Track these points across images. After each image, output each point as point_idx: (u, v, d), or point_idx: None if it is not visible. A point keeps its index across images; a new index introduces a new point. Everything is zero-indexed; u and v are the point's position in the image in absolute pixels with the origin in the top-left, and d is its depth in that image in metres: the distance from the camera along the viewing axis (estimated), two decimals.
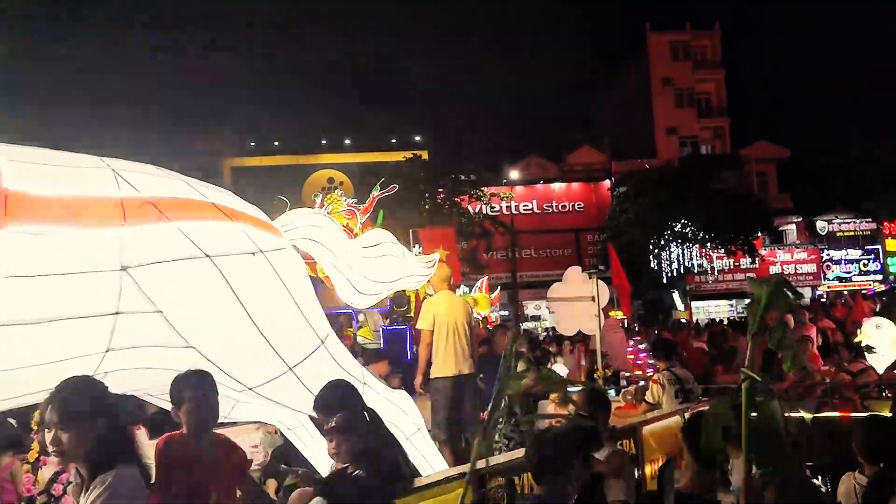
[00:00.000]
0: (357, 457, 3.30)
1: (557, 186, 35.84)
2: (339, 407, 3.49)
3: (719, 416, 2.47)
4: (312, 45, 71.90)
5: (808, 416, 7.30)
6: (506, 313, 27.65)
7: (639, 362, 10.51)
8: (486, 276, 20.33)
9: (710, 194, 28.32)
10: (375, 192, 11.24)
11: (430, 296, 13.27)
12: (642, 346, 11.03)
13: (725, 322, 19.79)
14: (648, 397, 6.44)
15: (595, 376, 7.78)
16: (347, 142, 39.64)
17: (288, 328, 3.95)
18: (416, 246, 13.04)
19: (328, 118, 44.02)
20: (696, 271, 30.64)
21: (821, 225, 32.82)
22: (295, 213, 4.82)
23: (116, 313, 3.32)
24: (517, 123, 58.29)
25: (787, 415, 2.30)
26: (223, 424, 4.35)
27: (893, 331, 8.54)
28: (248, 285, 3.74)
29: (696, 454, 3.04)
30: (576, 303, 7.84)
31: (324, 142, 39.71)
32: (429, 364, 6.79)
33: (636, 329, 18.85)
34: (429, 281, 6.61)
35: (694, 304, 29.97)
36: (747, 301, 2.66)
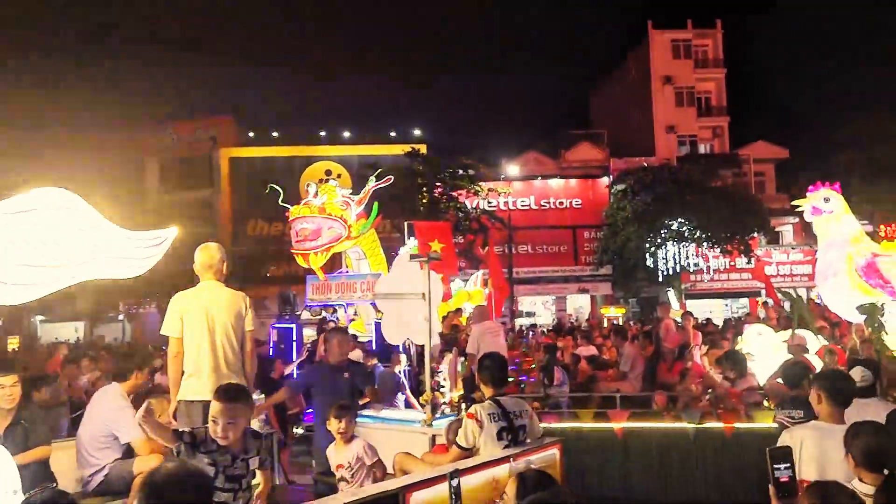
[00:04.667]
0: None
1: (555, 182, 35.82)
2: None
3: None
4: (312, 37, 71.73)
5: (690, 425, 7.24)
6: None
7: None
8: (483, 271, 20.27)
9: (707, 193, 28.32)
10: (371, 184, 11.12)
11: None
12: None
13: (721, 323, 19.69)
14: (461, 439, 4.29)
15: (422, 400, 5.89)
16: (346, 134, 39.52)
17: None
18: (412, 238, 12.91)
19: (328, 110, 43.97)
20: (691, 270, 30.63)
21: None
22: None
23: None
24: (516, 119, 58.32)
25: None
26: None
27: (775, 338, 8.46)
28: None
29: None
30: (404, 300, 5.87)
31: (322, 134, 39.61)
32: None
33: (630, 325, 18.83)
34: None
35: (689, 302, 29.88)
36: (742, 300, 2.59)
